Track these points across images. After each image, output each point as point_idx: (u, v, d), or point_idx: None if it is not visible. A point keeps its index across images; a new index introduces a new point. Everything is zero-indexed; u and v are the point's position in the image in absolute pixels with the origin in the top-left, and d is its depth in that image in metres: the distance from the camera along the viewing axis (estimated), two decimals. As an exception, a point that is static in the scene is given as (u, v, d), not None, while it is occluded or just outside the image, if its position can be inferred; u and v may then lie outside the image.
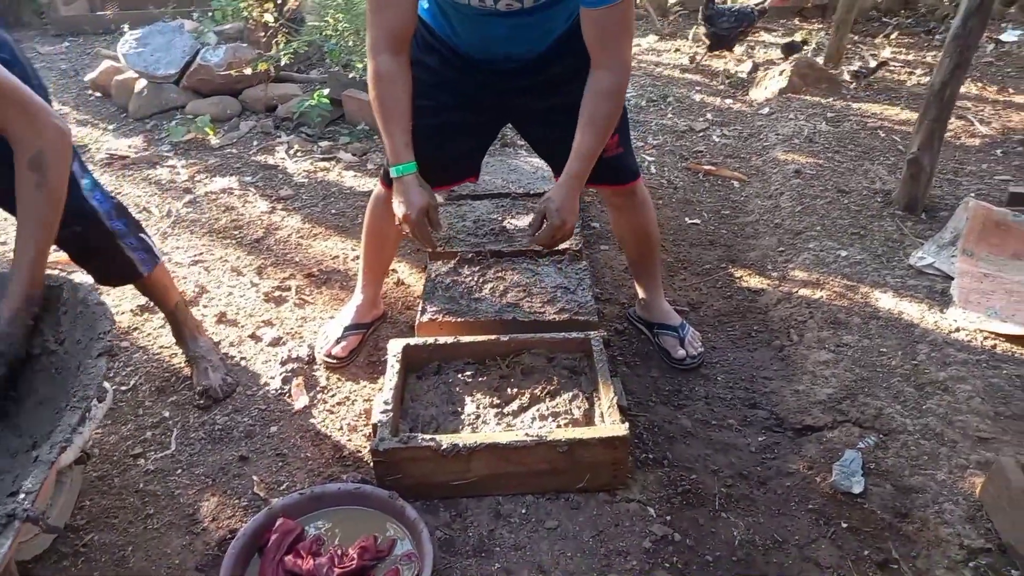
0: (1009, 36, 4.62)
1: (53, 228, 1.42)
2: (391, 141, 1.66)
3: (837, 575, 1.52)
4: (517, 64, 1.76)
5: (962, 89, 3.83)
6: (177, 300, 2.00)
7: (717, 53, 4.57)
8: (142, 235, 1.84)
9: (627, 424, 1.66)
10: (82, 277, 1.77)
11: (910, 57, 4.47)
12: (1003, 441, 1.75)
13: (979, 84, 4.01)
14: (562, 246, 2.37)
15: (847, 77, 4.08)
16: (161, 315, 2.09)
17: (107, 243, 1.73)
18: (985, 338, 2.09)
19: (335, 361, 2.07)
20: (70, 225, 1.57)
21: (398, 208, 1.69)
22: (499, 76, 1.78)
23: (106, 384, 1.73)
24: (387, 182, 1.92)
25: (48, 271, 1.45)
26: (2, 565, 0.93)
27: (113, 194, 1.80)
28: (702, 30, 4.41)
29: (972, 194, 2.75)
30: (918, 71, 4.19)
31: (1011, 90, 3.94)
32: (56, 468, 1.08)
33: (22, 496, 0.99)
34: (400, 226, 1.72)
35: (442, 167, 1.91)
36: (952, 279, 2.31)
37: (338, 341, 2.09)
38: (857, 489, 1.70)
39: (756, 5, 4.43)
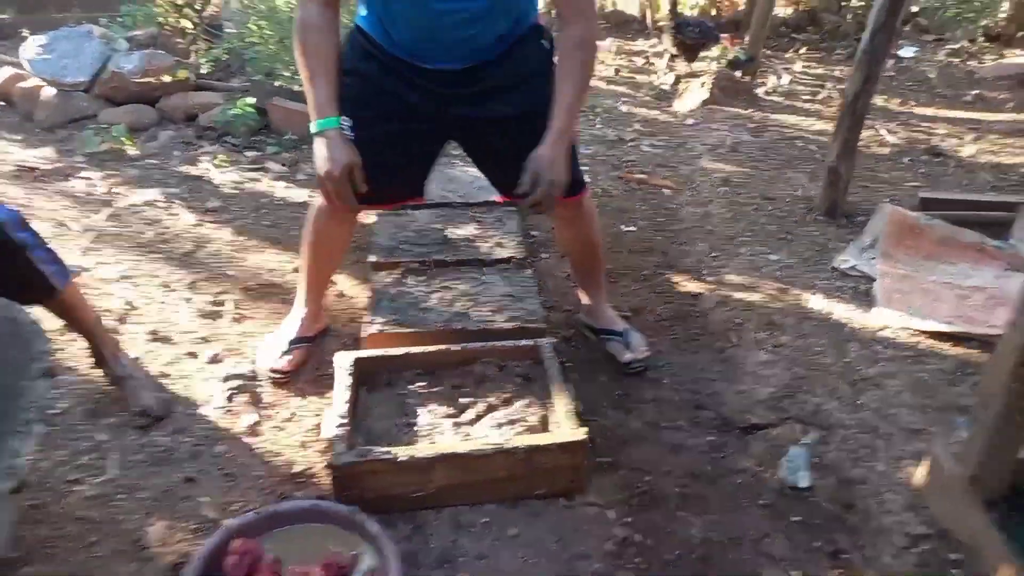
0: (907, 52, 4.96)
1: None
2: (314, 94, 1.60)
3: (792, 567, 1.58)
4: (455, 65, 1.73)
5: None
6: (94, 318, 1.89)
7: (673, 61, 4.72)
8: (49, 247, 1.72)
9: (584, 428, 1.68)
10: None
11: (820, 71, 4.73)
12: (932, 432, 1.87)
13: (884, 97, 4.27)
14: (506, 253, 2.40)
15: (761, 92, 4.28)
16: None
17: (16, 257, 1.60)
18: (909, 335, 2.22)
19: (281, 376, 2.01)
20: None
21: (320, 165, 1.63)
22: (438, 82, 1.75)
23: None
24: None
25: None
26: None
27: (16, 207, 1.68)
28: (668, 39, 4.56)
29: (887, 200, 2.93)
30: (828, 84, 4.44)
31: (912, 102, 4.23)
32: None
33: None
34: (321, 184, 1.66)
35: (386, 181, 1.87)
36: (874, 280, 2.45)
37: (283, 355, 2.03)
38: (804, 484, 1.77)
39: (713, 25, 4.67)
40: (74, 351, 2.09)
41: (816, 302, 2.37)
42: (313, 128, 1.62)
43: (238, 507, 1.64)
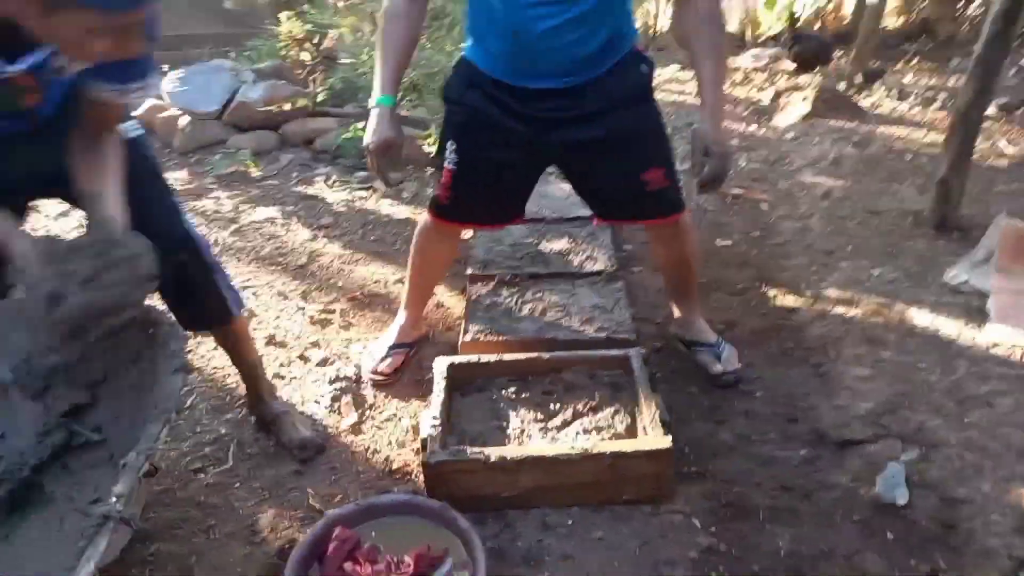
0: (1032, 60, 4.67)
1: None
2: (381, 73, 1.71)
3: (885, 584, 1.54)
4: (555, 83, 1.77)
5: (988, 112, 3.89)
6: (256, 356, 1.95)
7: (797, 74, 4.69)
8: (227, 274, 1.82)
9: (670, 437, 1.70)
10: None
11: (933, 82, 4.52)
12: (1046, 453, 1.77)
13: (1004, 107, 4.04)
14: (597, 267, 2.45)
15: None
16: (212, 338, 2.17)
17: (204, 276, 1.71)
18: (1023, 354, 2.11)
19: (382, 378, 2.13)
20: (176, 252, 1.59)
21: (366, 137, 1.74)
22: (539, 106, 1.80)
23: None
24: (435, 211, 2.00)
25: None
26: (101, 563, 0.99)
27: None
28: (785, 53, 4.56)
29: (1004, 213, 2.78)
30: (942, 95, 4.24)
31: (1036, 112, 3.98)
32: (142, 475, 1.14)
33: (114, 499, 1.05)
34: (365, 154, 1.77)
35: (488, 207, 1.98)
36: (987, 296, 2.33)
37: (383, 359, 2.16)
38: (901, 501, 1.71)
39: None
40: (201, 352, 2.30)
41: (922, 318, 2.29)
42: (371, 103, 1.74)
43: (339, 499, 1.77)
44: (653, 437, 1.72)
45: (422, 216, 2.12)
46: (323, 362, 2.25)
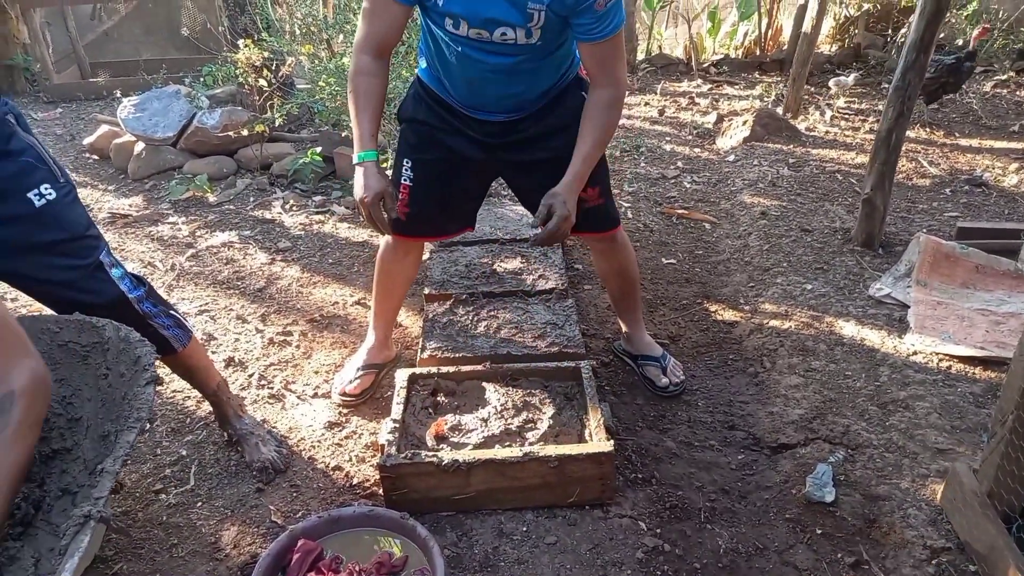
0: (954, 85, 4.96)
1: (17, 475, 1.21)
2: (360, 129, 1.80)
3: (813, 576, 1.67)
4: (503, 115, 1.93)
5: (912, 134, 4.14)
6: (218, 381, 2.00)
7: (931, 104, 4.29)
8: (172, 312, 1.87)
9: (612, 441, 1.81)
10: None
11: (863, 106, 4.78)
12: (959, 452, 1.92)
13: (927, 129, 4.30)
14: (548, 285, 2.56)
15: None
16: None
17: (140, 324, 1.74)
18: (940, 360, 2.28)
19: (350, 399, 2.21)
20: (104, 314, 1.65)
21: (356, 191, 1.81)
22: (484, 132, 1.96)
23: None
24: (394, 229, 2.07)
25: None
26: (85, 559, 1.03)
27: (143, 285, 1.80)
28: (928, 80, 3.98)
29: (924, 230, 2.98)
30: (870, 119, 4.49)
31: (956, 134, 4.24)
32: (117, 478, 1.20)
33: (95, 499, 1.12)
34: (359, 208, 1.84)
35: (443, 218, 2.10)
36: (908, 307, 2.51)
37: (352, 380, 2.23)
38: (829, 499, 1.85)
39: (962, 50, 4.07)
40: (160, 375, 2.33)
41: (849, 329, 2.45)
42: (355, 159, 1.83)
43: (301, 514, 1.83)
44: (596, 441, 1.83)
45: (382, 239, 2.19)
46: (283, 383, 2.31)
